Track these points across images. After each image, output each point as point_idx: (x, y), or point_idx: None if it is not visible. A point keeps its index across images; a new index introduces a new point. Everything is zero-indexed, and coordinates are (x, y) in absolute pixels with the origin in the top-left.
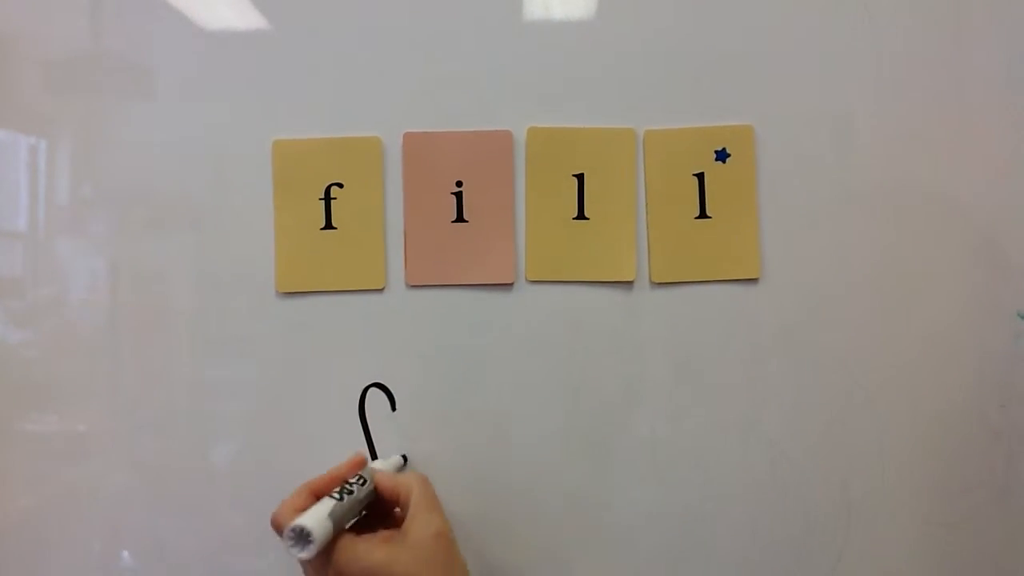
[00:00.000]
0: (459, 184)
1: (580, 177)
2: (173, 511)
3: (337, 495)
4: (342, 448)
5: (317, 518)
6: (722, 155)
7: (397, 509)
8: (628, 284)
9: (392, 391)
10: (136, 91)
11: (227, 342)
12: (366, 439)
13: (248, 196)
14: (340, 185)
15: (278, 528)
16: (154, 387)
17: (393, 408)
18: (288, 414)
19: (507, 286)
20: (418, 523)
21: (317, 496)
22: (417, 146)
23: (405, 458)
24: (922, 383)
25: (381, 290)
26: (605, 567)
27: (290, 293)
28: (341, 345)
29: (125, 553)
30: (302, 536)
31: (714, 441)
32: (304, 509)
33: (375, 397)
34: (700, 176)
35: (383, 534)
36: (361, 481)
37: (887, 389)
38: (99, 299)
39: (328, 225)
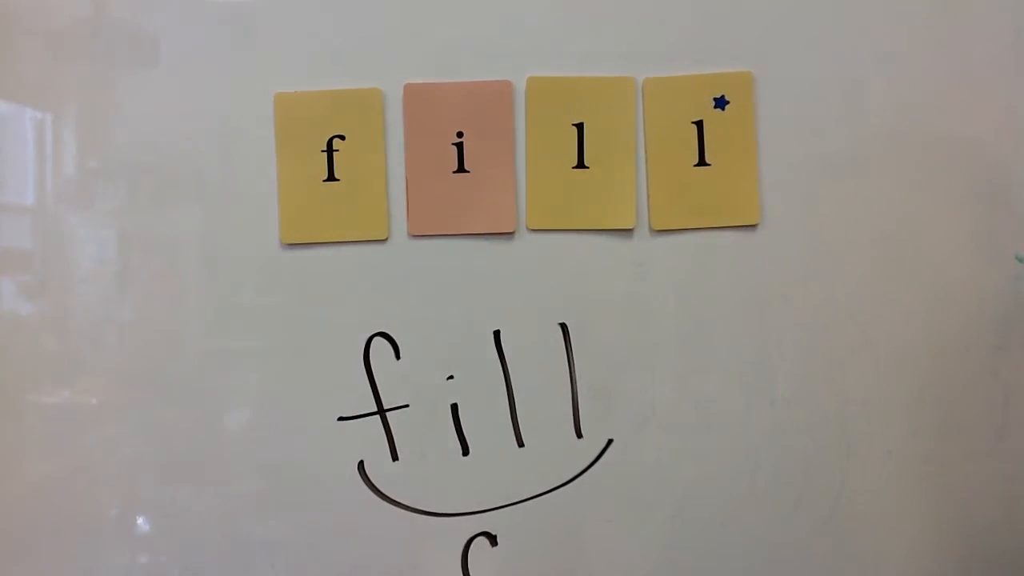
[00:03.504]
0: (460, 135)
1: (580, 126)
2: (186, 477)
3: None
4: (349, 399)
5: None
6: (721, 102)
7: None
8: (628, 231)
9: (396, 340)
10: (139, 58)
11: (236, 304)
12: (371, 389)
13: (255, 158)
14: (342, 137)
15: None
16: (165, 353)
17: (397, 357)
18: (296, 369)
19: (508, 235)
20: None
21: None
22: (418, 97)
23: None
24: (922, 326)
25: (384, 240)
26: (609, 512)
27: (294, 245)
28: (345, 295)
29: (140, 519)
30: None
31: (715, 385)
32: None
33: (379, 346)
34: (699, 124)
35: None
36: None
37: (887, 332)
38: (109, 270)
39: (331, 177)
